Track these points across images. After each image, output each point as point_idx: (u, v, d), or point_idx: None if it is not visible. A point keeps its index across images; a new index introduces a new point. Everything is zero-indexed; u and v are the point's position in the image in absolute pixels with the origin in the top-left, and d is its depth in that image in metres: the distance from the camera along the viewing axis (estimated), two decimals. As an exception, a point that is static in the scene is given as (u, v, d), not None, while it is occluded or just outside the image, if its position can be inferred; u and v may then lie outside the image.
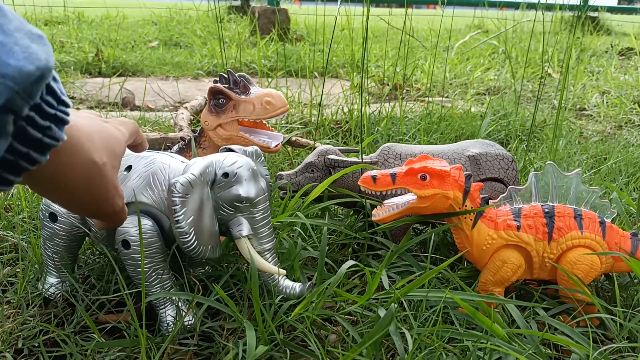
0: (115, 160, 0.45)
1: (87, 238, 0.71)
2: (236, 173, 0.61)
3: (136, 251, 0.61)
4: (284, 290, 0.64)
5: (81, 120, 0.40)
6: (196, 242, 0.59)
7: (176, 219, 0.57)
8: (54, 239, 0.68)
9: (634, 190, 1.16)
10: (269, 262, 0.63)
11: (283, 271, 0.63)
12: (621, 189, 1.12)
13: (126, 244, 0.61)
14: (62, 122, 0.33)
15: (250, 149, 0.68)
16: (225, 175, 0.61)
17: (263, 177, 0.66)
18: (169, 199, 0.57)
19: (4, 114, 0.27)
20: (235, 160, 0.62)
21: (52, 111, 0.32)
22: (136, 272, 0.62)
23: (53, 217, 0.67)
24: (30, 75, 0.28)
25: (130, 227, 0.61)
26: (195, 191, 0.59)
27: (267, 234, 0.63)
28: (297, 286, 0.63)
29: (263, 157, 0.69)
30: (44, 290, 0.70)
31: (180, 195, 0.57)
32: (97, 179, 0.41)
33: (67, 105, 0.33)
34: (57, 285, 0.70)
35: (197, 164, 0.60)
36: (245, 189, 0.61)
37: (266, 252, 0.63)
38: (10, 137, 0.29)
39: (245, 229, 0.61)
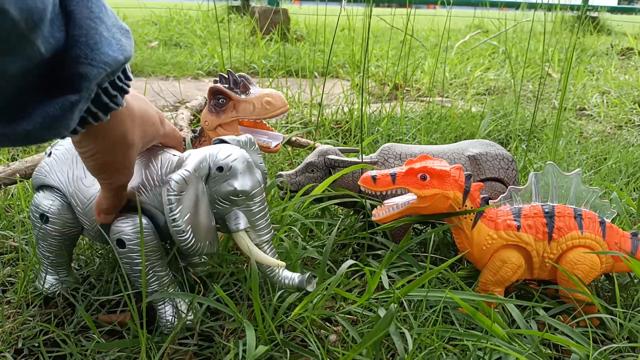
0: (143, 144, 0.55)
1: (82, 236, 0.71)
2: (231, 166, 0.60)
3: (132, 250, 0.60)
4: (282, 281, 0.63)
5: (132, 101, 0.50)
6: (194, 240, 0.58)
7: (172, 217, 0.57)
8: (47, 239, 0.67)
9: (634, 190, 1.16)
10: (268, 255, 0.63)
11: (282, 263, 0.62)
12: (621, 189, 1.12)
13: (121, 243, 0.60)
14: (124, 92, 0.43)
15: (243, 137, 0.67)
16: (220, 169, 0.60)
17: (258, 167, 0.65)
18: (164, 198, 0.57)
19: (94, 88, 0.38)
20: (229, 153, 0.61)
21: (121, 84, 0.42)
22: (132, 270, 0.61)
23: (44, 218, 0.66)
24: (119, 62, 0.38)
25: (124, 226, 0.60)
26: (190, 188, 0.58)
27: (265, 226, 0.62)
28: (295, 277, 0.62)
29: (257, 145, 0.68)
30: (43, 289, 0.69)
31: (175, 193, 0.56)
32: (122, 150, 0.51)
33: (130, 79, 0.44)
34: (55, 284, 0.69)
35: (191, 159, 0.59)
36: (241, 183, 0.60)
37: (264, 244, 0.63)
38: (89, 101, 0.39)
39: (242, 222, 0.61)
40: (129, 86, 0.43)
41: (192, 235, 0.58)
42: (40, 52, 0.32)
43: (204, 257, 0.73)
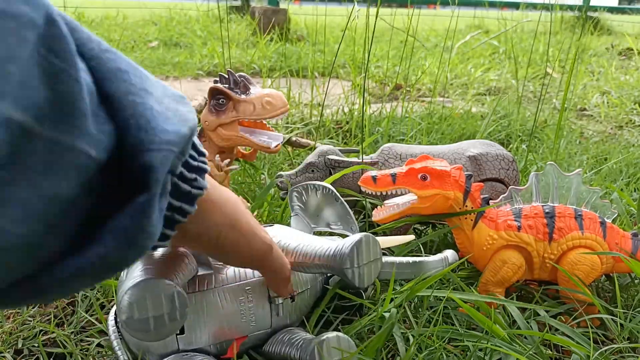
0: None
1: None
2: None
3: None
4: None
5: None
6: None
7: None
8: None
9: (635, 191, 1.16)
10: None
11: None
12: (622, 190, 1.11)
13: None
14: (204, 172, 0.35)
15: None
16: None
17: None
18: None
19: (167, 176, 0.29)
20: None
21: (196, 163, 0.34)
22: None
23: None
24: (184, 137, 0.29)
25: None
26: None
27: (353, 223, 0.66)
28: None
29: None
30: None
31: None
32: (236, 211, 0.42)
33: (204, 155, 0.35)
34: None
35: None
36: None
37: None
38: (167, 195, 0.30)
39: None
40: (206, 163, 0.35)
41: None
42: (91, 156, 0.25)
43: None
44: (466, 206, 0.68)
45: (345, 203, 0.64)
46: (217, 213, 0.39)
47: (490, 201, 0.70)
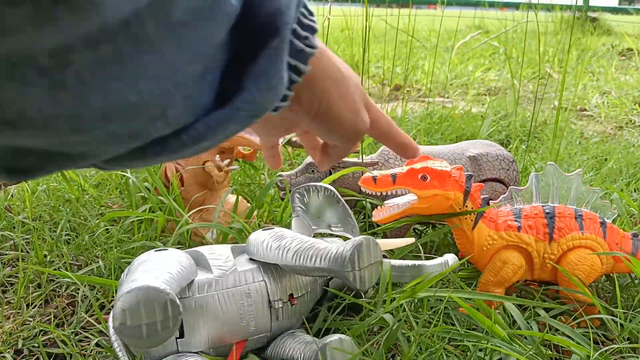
0: None
1: None
2: None
3: None
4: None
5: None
6: None
7: None
8: None
9: (635, 191, 1.16)
10: None
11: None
12: (622, 190, 1.11)
13: None
14: (315, 31, 0.34)
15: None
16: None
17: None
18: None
19: (292, 23, 0.30)
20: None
21: (307, 21, 0.33)
22: None
23: None
24: None
25: None
26: None
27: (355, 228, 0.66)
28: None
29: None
30: None
31: None
32: (347, 85, 0.40)
33: (314, 15, 0.35)
34: None
35: None
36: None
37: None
38: (288, 51, 0.30)
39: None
40: (316, 22, 0.35)
41: None
42: (232, 4, 0.26)
43: None
44: (466, 206, 0.68)
45: (346, 205, 0.64)
46: (329, 80, 0.39)
47: (490, 201, 0.70)
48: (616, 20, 4.71)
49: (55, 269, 0.75)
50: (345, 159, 0.83)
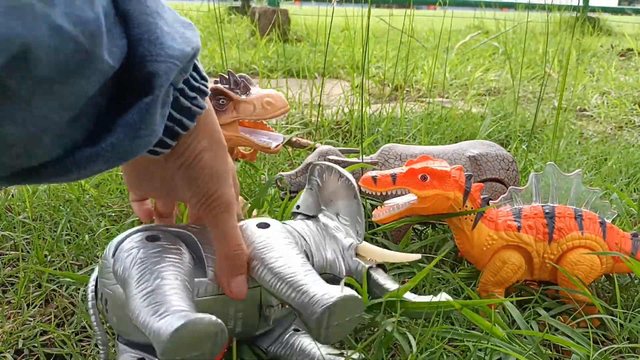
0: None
1: None
2: None
3: None
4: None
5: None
6: None
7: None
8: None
9: (635, 191, 1.16)
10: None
11: (417, 256, 0.60)
12: (621, 190, 1.12)
13: None
14: (204, 94, 0.40)
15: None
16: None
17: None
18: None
19: (170, 88, 0.35)
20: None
21: (197, 84, 0.39)
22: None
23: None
24: (187, 54, 0.35)
25: None
26: None
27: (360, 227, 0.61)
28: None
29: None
30: None
31: None
32: (220, 148, 0.45)
33: (206, 80, 0.40)
34: None
35: None
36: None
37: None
38: (169, 106, 0.36)
39: (351, 236, 0.60)
40: (207, 87, 0.40)
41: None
42: (109, 64, 0.30)
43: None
44: (466, 206, 0.68)
45: (362, 204, 0.61)
46: (206, 139, 0.43)
47: (490, 201, 0.70)
48: (616, 21, 4.71)
49: (55, 269, 0.75)
50: (345, 159, 0.84)
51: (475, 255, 0.70)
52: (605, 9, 5.14)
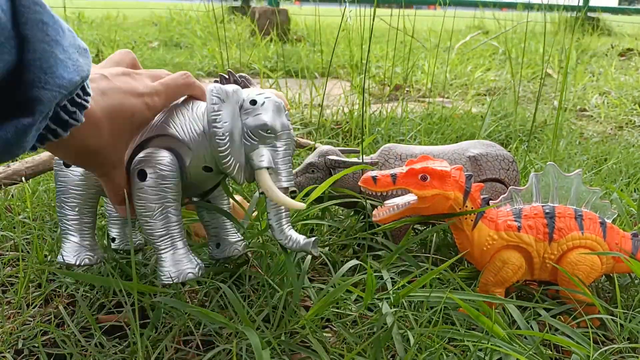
0: (121, 138, 0.53)
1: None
2: (264, 102, 0.61)
3: (151, 185, 0.59)
4: (287, 240, 0.62)
5: (98, 102, 0.48)
6: (229, 149, 0.59)
7: (213, 117, 0.58)
8: (70, 190, 0.64)
9: (635, 191, 1.16)
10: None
11: (302, 205, 0.62)
12: (622, 190, 1.12)
13: (142, 174, 0.59)
14: (84, 108, 0.43)
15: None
16: (253, 102, 0.61)
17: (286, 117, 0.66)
18: (208, 103, 0.58)
19: (49, 111, 0.37)
20: (263, 92, 0.63)
21: (80, 100, 0.42)
22: (145, 208, 0.59)
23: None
24: (75, 83, 0.38)
25: (149, 157, 0.59)
26: (228, 103, 0.59)
27: (287, 173, 0.63)
28: (301, 239, 0.62)
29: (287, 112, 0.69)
30: (63, 260, 0.65)
31: (218, 96, 0.58)
32: (89, 155, 0.51)
33: (89, 95, 0.43)
34: (80, 252, 0.65)
35: (227, 86, 0.62)
36: (271, 119, 0.61)
37: (284, 191, 0.63)
38: (48, 119, 0.39)
39: (266, 160, 0.61)
40: (87, 102, 0.43)
41: (228, 143, 0.59)
42: None
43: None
44: (466, 206, 0.68)
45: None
46: (76, 145, 0.48)
47: (490, 201, 0.70)
48: (616, 21, 4.71)
49: (55, 269, 0.75)
50: (345, 159, 0.83)
51: (476, 256, 0.70)
52: (605, 9, 5.14)
